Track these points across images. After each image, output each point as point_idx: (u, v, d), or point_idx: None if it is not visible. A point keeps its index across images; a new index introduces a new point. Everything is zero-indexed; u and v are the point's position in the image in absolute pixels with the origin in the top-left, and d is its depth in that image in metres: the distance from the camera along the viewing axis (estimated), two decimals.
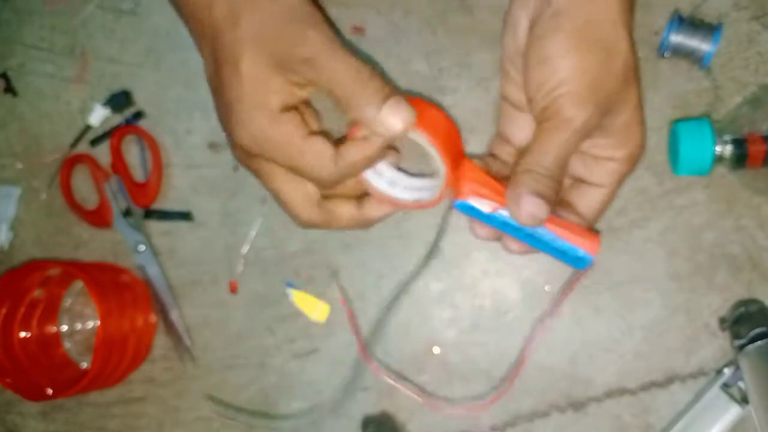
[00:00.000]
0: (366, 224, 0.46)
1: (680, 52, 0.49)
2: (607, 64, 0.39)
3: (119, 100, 0.55)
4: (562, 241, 0.42)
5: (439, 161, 0.41)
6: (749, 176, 0.49)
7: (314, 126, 0.44)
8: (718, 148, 0.47)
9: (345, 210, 0.44)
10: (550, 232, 0.41)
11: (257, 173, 0.43)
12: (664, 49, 0.49)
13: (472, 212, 0.42)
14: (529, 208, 0.39)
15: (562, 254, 0.42)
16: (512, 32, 0.42)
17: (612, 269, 0.51)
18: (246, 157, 0.42)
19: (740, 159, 0.47)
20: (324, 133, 0.41)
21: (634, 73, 0.40)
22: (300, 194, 0.42)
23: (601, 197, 0.43)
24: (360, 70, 0.39)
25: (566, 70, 0.39)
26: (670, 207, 0.51)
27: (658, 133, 0.51)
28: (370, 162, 0.41)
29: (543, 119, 0.40)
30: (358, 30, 0.53)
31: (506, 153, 0.45)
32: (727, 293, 0.50)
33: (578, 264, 0.43)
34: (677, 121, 0.49)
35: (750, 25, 0.50)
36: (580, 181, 0.44)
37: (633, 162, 0.42)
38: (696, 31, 0.49)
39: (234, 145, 0.42)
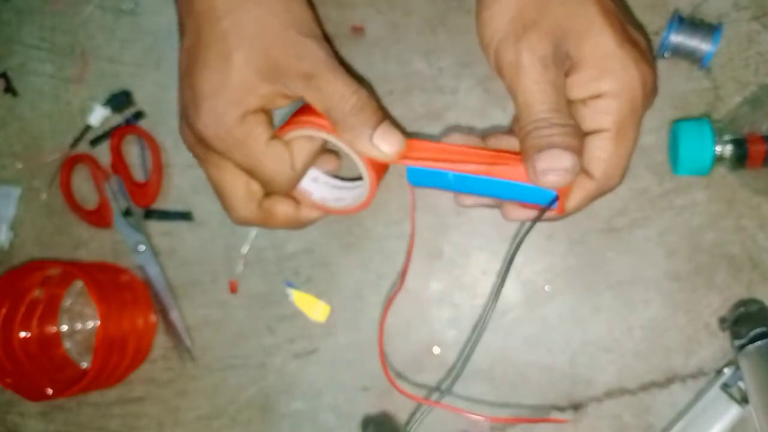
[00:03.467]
0: (300, 225, 0.45)
1: (680, 52, 0.49)
2: None
3: (119, 100, 0.55)
4: (522, 183, 0.38)
5: (363, 167, 0.41)
6: (749, 176, 0.49)
7: (272, 127, 0.43)
8: (718, 148, 0.47)
9: (282, 209, 0.44)
10: (504, 179, 0.39)
11: (202, 161, 0.42)
12: (664, 49, 0.49)
13: (424, 178, 0.40)
14: (544, 165, 0.36)
15: (524, 196, 0.39)
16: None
17: (612, 269, 0.51)
18: (197, 142, 0.41)
19: (740, 159, 0.47)
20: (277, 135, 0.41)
21: None
22: (243, 190, 0.42)
23: (606, 146, 0.38)
24: (358, 92, 0.38)
25: (499, 14, 0.38)
26: (670, 207, 0.51)
27: (658, 133, 0.51)
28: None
29: (503, 76, 0.38)
30: (358, 30, 0.53)
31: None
32: (727, 293, 0.50)
33: (543, 199, 0.39)
34: (677, 121, 0.49)
35: (750, 25, 0.50)
36: (585, 137, 0.40)
37: (627, 96, 0.37)
38: (696, 31, 0.49)
39: (189, 129, 0.40)
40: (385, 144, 0.38)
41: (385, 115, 0.39)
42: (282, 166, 0.40)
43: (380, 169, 0.42)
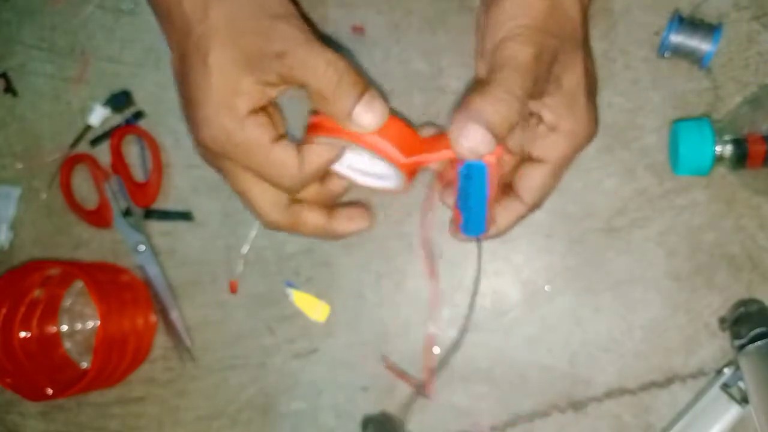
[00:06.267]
0: (332, 236, 0.45)
1: (680, 52, 0.49)
2: (554, 13, 0.39)
3: (119, 100, 0.55)
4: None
5: (388, 165, 0.40)
6: (749, 176, 0.49)
7: (280, 129, 0.42)
8: (718, 148, 0.47)
9: (312, 217, 0.43)
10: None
11: (222, 172, 0.42)
12: (664, 49, 0.49)
13: None
14: (472, 136, 0.37)
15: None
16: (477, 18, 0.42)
17: (612, 269, 0.51)
18: (210, 155, 0.41)
19: (740, 159, 0.47)
20: (286, 137, 0.40)
21: (581, 43, 0.40)
22: (268, 196, 0.41)
23: (541, 176, 0.41)
24: (335, 63, 0.37)
25: (511, 11, 0.39)
26: (670, 207, 0.51)
27: (658, 133, 0.51)
28: (331, 164, 0.41)
29: (491, 66, 0.39)
30: (358, 30, 0.53)
31: None
32: (727, 293, 0.50)
33: (472, 172, 0.39)
34: (677, 121, 0.49)
35: (750, 25, 0.50)
36: (523, 160, 0.42)
37: (576, 140, 0.41)
38: (696, 31, 0.49)
39: (197, 143, 0.40)
40: (368, 114, 0.38)
41: (367, 85, 0.38)
42: (286, 167, 0.39)
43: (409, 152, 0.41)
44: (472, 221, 0.41)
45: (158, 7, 0.41)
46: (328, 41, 0.42)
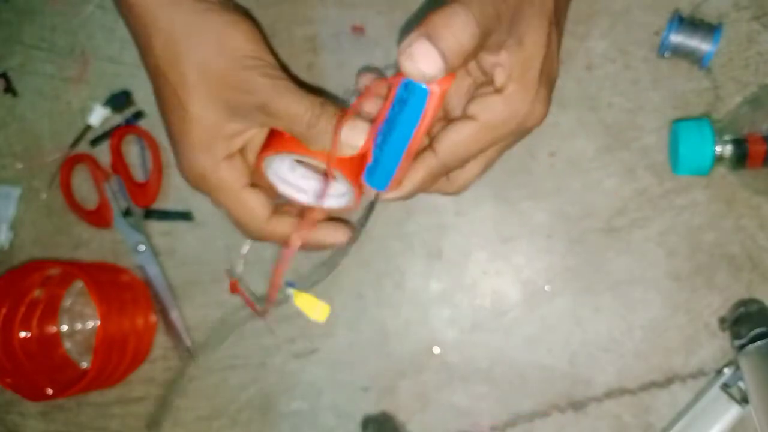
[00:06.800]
0: (313, 247, 0.44)
1: (680, 52, 0.49)
2: None
3: (119, 100, 0.55)
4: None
5: (346, 184, 0.40)
6: (749, 176, 0.49)
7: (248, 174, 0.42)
8: (718, 148, 0.47)
9: (281, 229, 0.42)
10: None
11: (206, 194, 0.42)
12: (664, 49, 0.49)
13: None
14: (423, 52, 0.33)
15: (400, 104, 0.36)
16: None
17: (612, 269, 0.51)
18: (190, 184, 0.42)
19: (740, 159, 0.47)
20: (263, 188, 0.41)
21: (550, 13, 0.37)
22: (250, 213, 0.42)
23: (464, 132, 0.38)
24: (310, 108, 0.38)
25: None
26: (670, 207, 0.51)
27: (658, 133, 0.51)
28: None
29: None
30: (358, 30, 0.53)
31: None
32: (727, 293, 0.50)
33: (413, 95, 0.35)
34: (677, 121, 0.49)
35: (750, 25, 0.50)
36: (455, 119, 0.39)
37: (516, 110, 0.37)
38: (696, 31, 0.49)
39: (179, 170, 0.41)
40: (352, 141, 0.38)
41: (342, 114, 0.38)
42: (252, 218, 0.41)
43: (357, 169, 0.40)
44: (382, 164, 0.38)
45: (134, 39, 0.41)
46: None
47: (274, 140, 0.40)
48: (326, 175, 0.39)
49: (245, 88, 0.38)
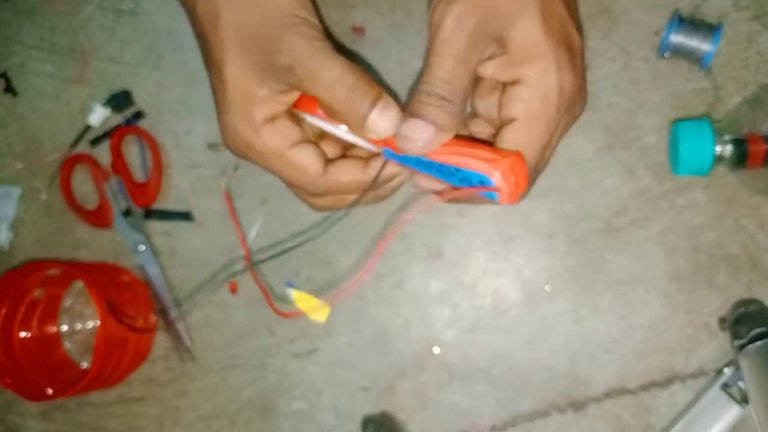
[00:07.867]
0: (376, 190, 0.41)
1: (680, 52, 0.49)
2: None
3: (119, 100, 0.55)
4: (466, 169, 0.36)
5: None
6: (749, 176, 0.49)
7: (305, 132, 0.41)
8: (718, 148, 0.47)
9: (347, 173, 0.40)
10: (453, 161, 0.36)
11: (258, 164, 0.41)
12: (664, 49, 0.49)
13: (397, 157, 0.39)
14: (405, 131, 0.35)
15: (469, 183, 0.36)
16: None
17: (612, 269, 0.51)
18: (237, 155, 0.41)
19: (740, 159, 0.47)
20: (314, 142, 0.39)
21: None
22: (308, 171, 0.40)
23: (514, 137, 0.37)
24: (342, 77, 0.36)
25: None
26: (670, 207, 0.51)
27: (658, 133, 0.51)
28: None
29: (429, 33, 0.37)
30: (358, 30, 0.53)
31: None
32: (727, 293, 0.50)
33: (489, 193, 0.36)
34: (677, 121, 0.49)
35: (750, 25, 0.50)
36: (499, 126, 0.38)
37: (543, 90, 0.36)
38: (696, 31, 0.49)
39: (224, 143, 0.41)
40: (383, 122, 0.36)
41: (378, 94, 0.37)
42: (306, 174, 0.39)
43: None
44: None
45: (183, 6, 0.41)
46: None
47: (306, 97, 0.39)
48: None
49: (276, 47, 0.36)
